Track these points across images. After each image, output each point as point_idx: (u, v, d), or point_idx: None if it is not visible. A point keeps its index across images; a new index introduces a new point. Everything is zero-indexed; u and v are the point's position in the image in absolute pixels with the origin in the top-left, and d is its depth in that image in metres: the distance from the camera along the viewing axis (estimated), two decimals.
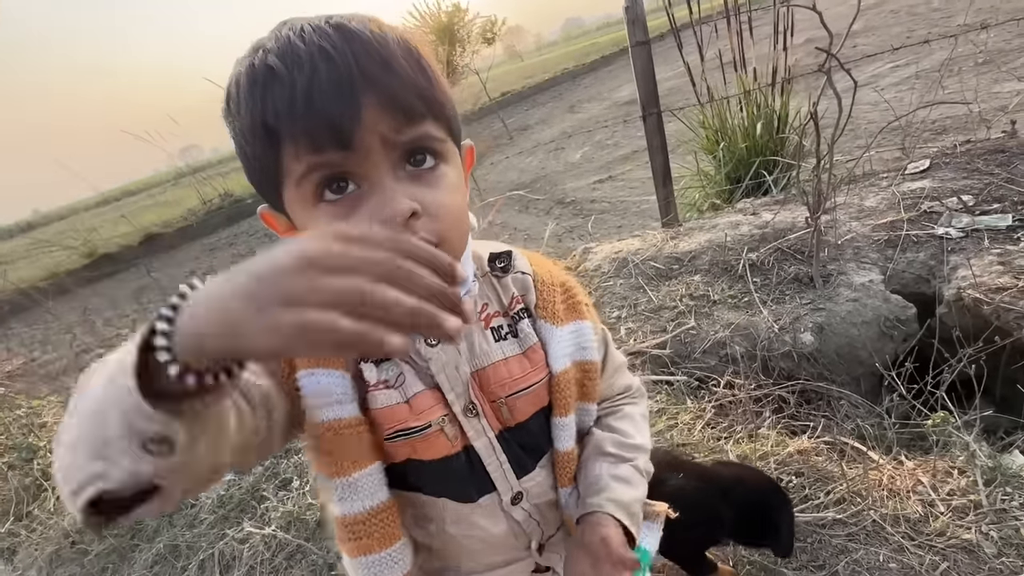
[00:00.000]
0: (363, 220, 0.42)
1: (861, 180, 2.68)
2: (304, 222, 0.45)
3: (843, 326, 1.88)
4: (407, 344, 0.27)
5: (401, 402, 0.50)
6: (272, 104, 0.40)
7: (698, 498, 1.00)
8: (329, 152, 0.41)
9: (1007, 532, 1.09)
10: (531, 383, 0.55)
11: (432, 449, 0.51)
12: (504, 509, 0.56)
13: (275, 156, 0.42)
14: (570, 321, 0.57)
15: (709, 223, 2.69)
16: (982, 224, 1.99)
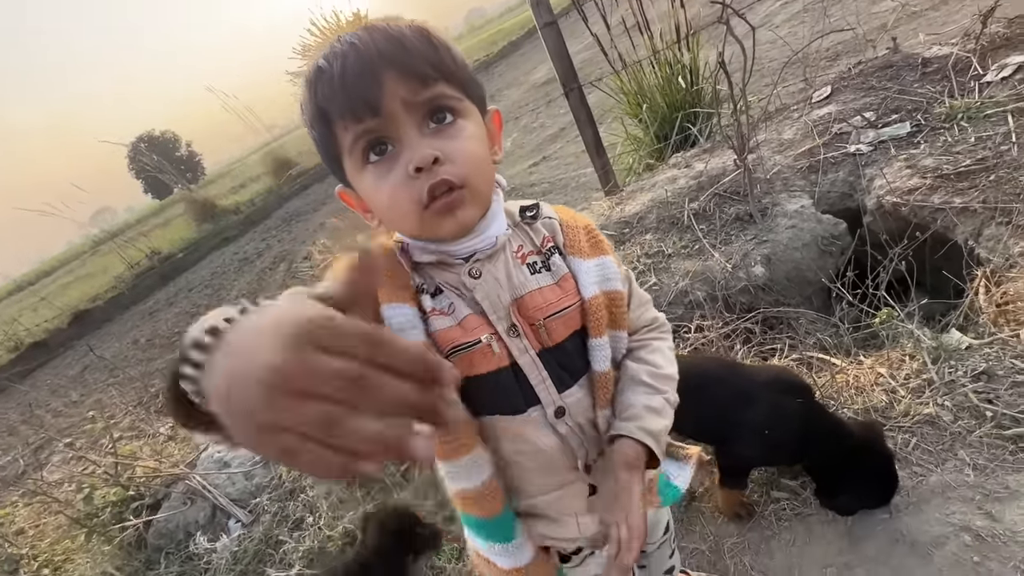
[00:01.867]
0: (399, 173, 0.52)
1: (775, 116, 2.86)
2: (358, 184, 0.56)
3: (787, 252, 2.02)
4: (380, 469, 0.27)
5: (454, 324, 0.58)
6: (321, 93, 0.52)
7: (791, 425, 1.07)
8: (366, 120, 0.51)
9: (958, 399, 1.23)
10: (565, 306, 0.62)
11: (484, 362, 0.58)
12: (550, 422, 0.62)
13: (331, 135, 0.54)
14: (595, 256, 0.65)
15: (648, 183, 2.81)
16: (886, 135, 2.18)
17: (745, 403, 1.10)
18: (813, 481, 1.18)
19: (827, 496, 1.14)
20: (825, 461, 1.11)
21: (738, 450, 1.13)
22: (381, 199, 0.55)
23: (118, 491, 1.84)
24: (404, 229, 0.58)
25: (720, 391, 1.13)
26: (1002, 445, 1.13)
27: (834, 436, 1.09)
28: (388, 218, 0.58)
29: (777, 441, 1.08)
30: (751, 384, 1.13)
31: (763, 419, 1.07)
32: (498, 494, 0.61)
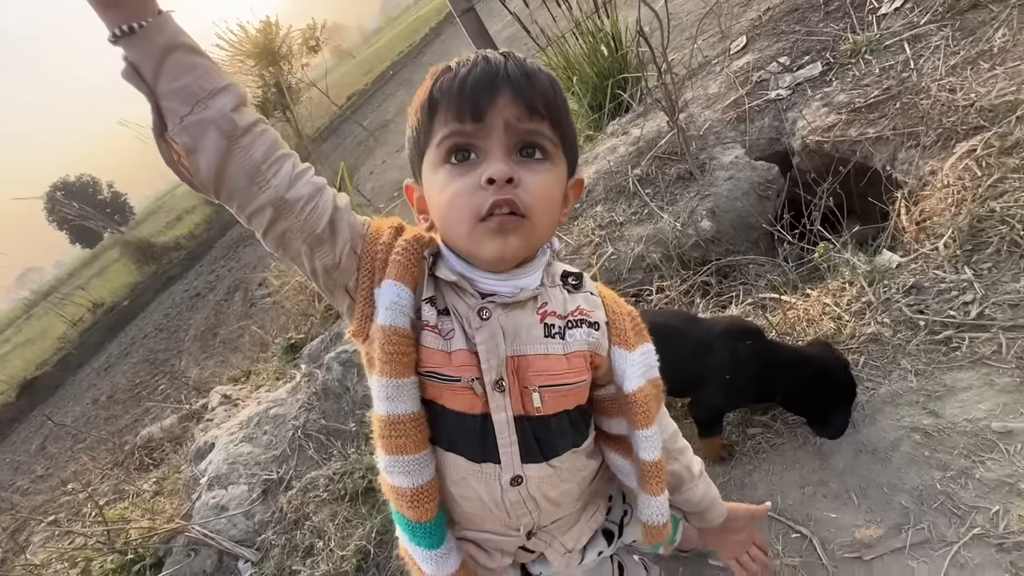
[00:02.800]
0: (472, 180, 0.56)
1: (699, 71, 2.96)
2: (429, 179, 0.60)
3: (729, 203, 2.13)
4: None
5: (444, 351, 0.59)
6: (440, 84, 0.57)
7: (748, 366, 1.15)
8: (465, 123, 0.55)
9: (895, 315, 1.36)
10: (567, 382, 0.62)
11: (456, 400, 0.59)
12: (501, 484, 0.61)
13: (430, 122, 0.58)
14: (639, 345, 0.66)
15: (591, 155, 2.86)
16: (801, 78, 2.30)
17: (704, 353, 1.19)
18: (800, 416, 1.28)
19: (818, 425, 1.24)
20: (794, 391, 1.21)
21: (706, 399, 1.22)
22: (444, 197, 0.57)
23: (115, 558, 1.79)
24: (453, 234, 0.59)
25: (680, 345, 1.21)
26: (936, 349, 1.26)
27: (793, 366, 1.19)
28: (443, 218, 0.59)
29: (739, 384, 1.17)
30: (706, 335, 1.22)
31: (722, 365, 1.16)
32: (434, 500, 0.60)
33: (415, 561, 0.64)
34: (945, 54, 1.91)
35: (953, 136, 1.66)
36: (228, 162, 0.53)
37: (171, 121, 0.51)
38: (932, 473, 1.09)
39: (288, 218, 0.55)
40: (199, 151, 0.52)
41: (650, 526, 0.69)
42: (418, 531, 0.61)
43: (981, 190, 1.43)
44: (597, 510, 0.74)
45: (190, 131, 0.51)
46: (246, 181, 0.54)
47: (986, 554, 0.97)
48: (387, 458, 0.60)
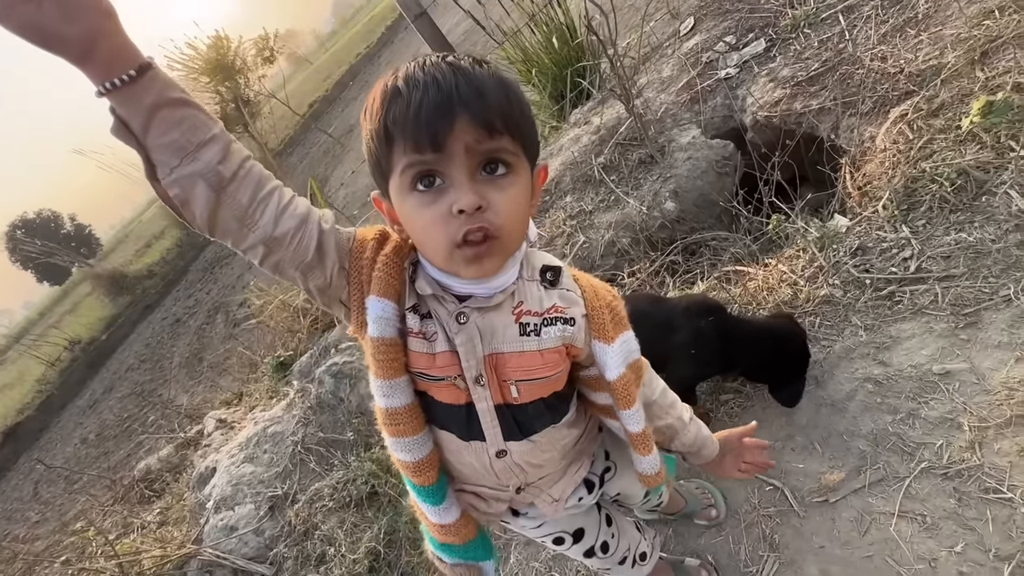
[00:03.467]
0: (442, 208, 0.57)
1: (652, 55, 3.04)
2: (399, 202, 0.61)
3: (690, 182, 2.22)
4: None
5: (428, 353, 0.64)
6: (393, 114, 0.56)
7: (711, 341, 1.24)
8: (426, 153, 0.56)
9: (844, 276, 1.47)
10: (542, 376, 0.67)
11: (443, 394, 0.66)
12: (488, 456, 0.70)
13: (388, 153, 0.58)
14: (618, 335, 0.70)
15: (556, 147, 2.93)
16: (747, 55, 2.40)
17: (669, 332, 1.29)
18: (762, 383, 1.38)
19: (776, 392, 1.34)
20: (755, 361, 1.31)
21: (674, 373, 1.31)
22: (418, 225, 0.59)
23: None
24: (431, 256, 0.62)
25: (647, 326, 1.30)
26: (882, 304, 1.37)
27: (752, 339, 1.29)
28: (420, 242, 0.62)
29: (703, 358, 1.26)
30: (671, 314, 1.32)
31: (687, 342, 1.25)
32: (434, 469, 0.69)
33: (424, 513, 0.74)
34: (876, 23, 2.02)
35: (887, 102, 1.77)
36: (218, 210, 0.57)
37: (161, 172, 0.55)
38: (884, 417, 1.20)
39: (278, 251, 0.60)
40: (190, 201, 0.56)
41: (645, 476, 0.80)
42: (423, 492, 0.71)
43: (913, 152, 1.53)
44: (581, 466, 0.83)
45: (180, 184, 0.55)
46: (236, 225, 0.58)
47: (934, 484, 1.08)
48: (391, 440, 0.68)
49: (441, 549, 0.75)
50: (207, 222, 0.57)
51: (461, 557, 0.75)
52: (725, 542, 1.22)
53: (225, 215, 0.57)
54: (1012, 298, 1.21)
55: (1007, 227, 1.30)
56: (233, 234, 0.59)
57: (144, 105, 0.53)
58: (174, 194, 0.55)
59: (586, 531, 0.89)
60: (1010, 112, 1.41)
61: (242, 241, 0.59)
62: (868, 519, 1.10)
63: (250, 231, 0.59)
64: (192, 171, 0.54)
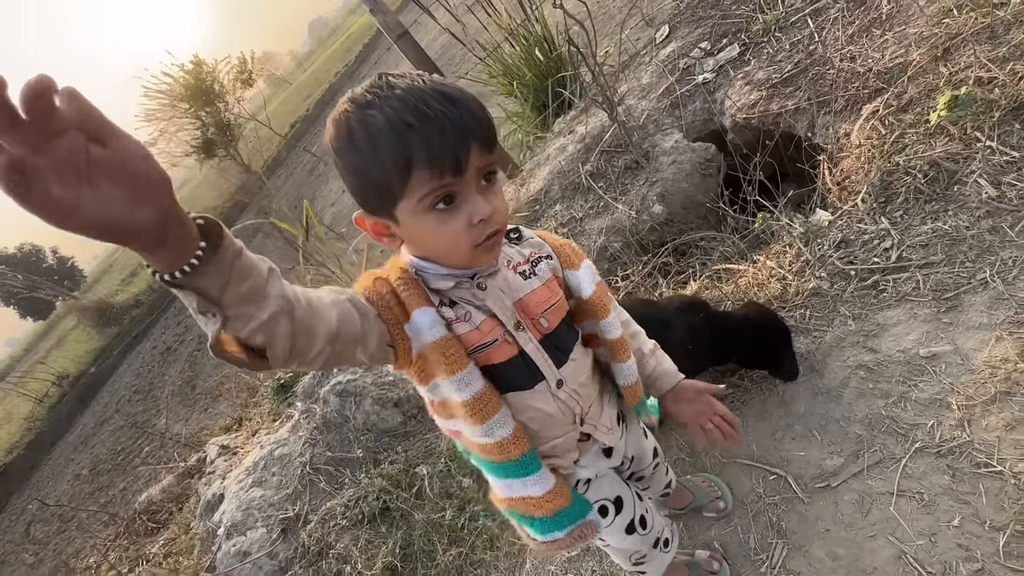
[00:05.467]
0: (462, 221, 0.65)
1: (630, 63, 3.12)
2: (411, 222, 0.66)
3: (675, 185, 2.28)
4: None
5: (473, 329, 0.73)
6: (416, 145, 0.60)
7: (704, 335, 1.32)
8: (447, 177, 0.63)
9: (830, 268, 1.53)
10: (555, 301, 0.80)
11: (500, 353, 0.75)
12: (552, 392, 0.79)
13: (405, 181, 0.62)
14: (581, 262, 0.85)
15: (542, 156, 2.99)
16: (722, 60, 2.48)
17: (664, 330, 1.35)
18: (757, 368, 1.44)
19: (776, 371, 1.40)
20: (745, 346, 1.36)
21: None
22: (443, 239, 0.67)
23: None
24: (453, 261, 0.71)
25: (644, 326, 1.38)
26: (868, 293, 1.43)
27: (739, 328, 1.35)
28: (443, 253, 0.70)
29: (698, 351, 1.33)
30: (663, 314, 1.39)
31: (681, 338, 1.32)
32: (523, 439, 0.77)
33: (525, 498, 0.80)
34: (843, 24, 2.11)
35: (859, 100, 1.85)
36: (296, 336, 0.54)
37: (240, 324, 0.49)
38: (877, 402, 1.26)
39: (339, 342, 0.62)
40: (274, 341, 0.52)
41: (626, 387, 0.90)
42: (522, 464, 0.77)
43: (886, 147, 1.61)
44: (609, 397, 0.93)
45: (264, 328, 0.51)
46: (306, 339, 0.56)
47: (928, 462, 1.14)
48: (480, 428, 0.74)
49: (553, 526, 0.81)
50: (287, 353, 0.54)
51: (574, 519, 0.81)
52: (734, 532, 1.26)
53: (300, 337, 0.55)
54: (988, 281, 1.27)
55: (979, 214, 1.37)
56: (304, 351, 0.57)
57: (223, 266, 0.48)
58: (259, 342, 0.51)
59: (624, 500, 0.95)
60: (974, 105, 1.49)
61: (309, 351, 0.57)
62: (869, 501, 1.15)
63: (317, 338, 0.58)
64: (272, 309, 0.51)
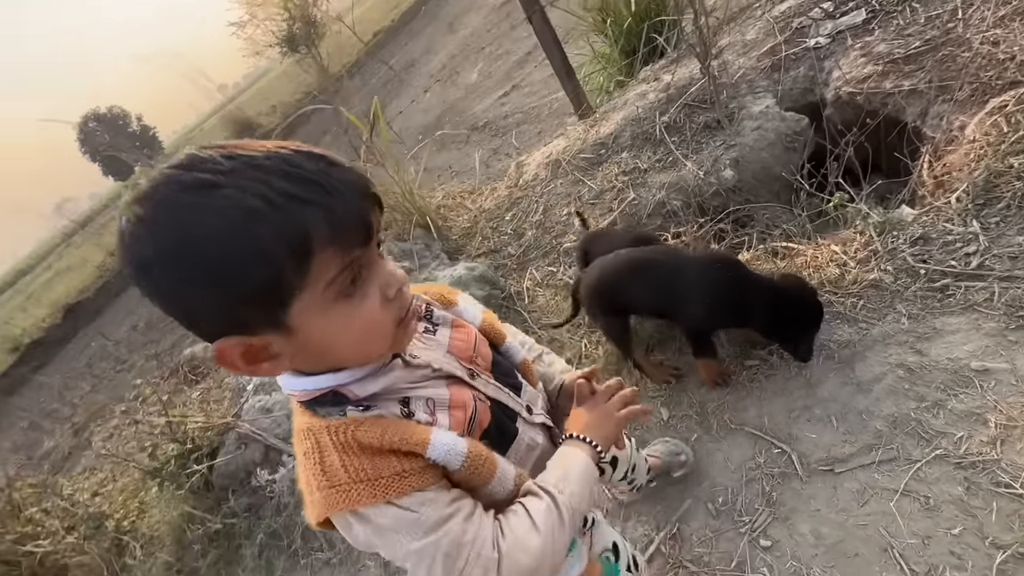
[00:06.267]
0: (375, 299, 0.53)
1: (739, 16, 2.87)
2: (324, 321, 0.51)
3: (754, 153, 2.15)
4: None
5: (450, 411, 0.62)
6: (309, 220, 0.46)
7: (726, 290, 1.29)
8: (356, 249, 0.50)
9: (898, 263, 1.43)
10: (474, 337, 0.73)
11: (485, 414, 0.66)
12: (529, 421, 0.73)
13: (304, 270, 0.47)
14: (455, 297, 0.77)
15: (620, 101, 2.86)
16: (843, 25, 2.24)
17: (685, 278, 1.33)
18: (773, 341, 1.40)
19: (791, 347, 1.36)
20: (769, 314, 1.32)
21: (689, 319, 1.37)
22: (357, 327, 0.53)
23: (176, 446, 2.06)
24: (369, 353, 0.57)
25: (663, 272, 1.39)
26: (932, 296, 1.34)
27: (766, 292, 1.31)
28: (355, 347, 0.55)
29: (717, 304, 1.31)
30: (687, 262, 1.38)
31: (701, 287, 1.31)
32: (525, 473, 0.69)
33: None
34: (995, 4, 1.85)
35: (987, 91, 1.65)
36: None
37: None
38: (908, 403, 1.20)
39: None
40: None
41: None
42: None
43: (1004, 146, 1.44)
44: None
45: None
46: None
47: (944, 471, 1.10)
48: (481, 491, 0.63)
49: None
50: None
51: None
52: (724, 490, 1.28)
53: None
54: None
55: None
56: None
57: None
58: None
59: (619, 545, 0.90)
60: None
61: None
62: (870, 492, 1.13)
63: None
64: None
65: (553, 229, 2.41)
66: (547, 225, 2.45)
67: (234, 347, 0.50)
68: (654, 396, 1.53)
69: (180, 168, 0.47)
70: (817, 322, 1.33)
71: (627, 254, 1.50)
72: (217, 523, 1.93)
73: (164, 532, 2.09)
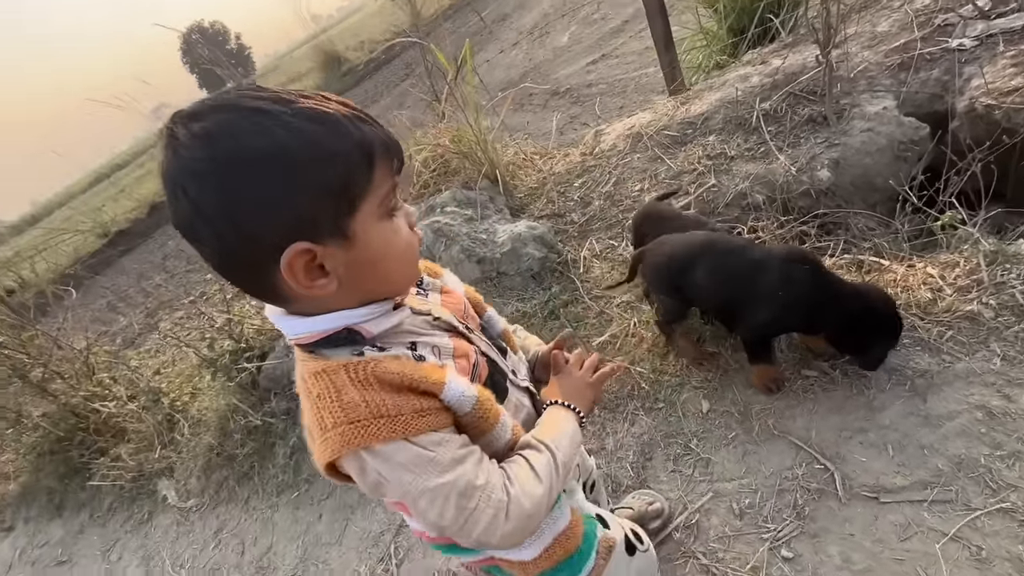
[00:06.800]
0: (406, 227, 0.59)
1: (873, 4, 2.58)
2: (376, 236, 0.55)
3: (857, 157, 1.97)
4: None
5: (454, 359, 0.64)
6: (368, 138, 0.52)
7: (800, 288, 1.21)
8: (397, 175, 0.57)
9: (1004, 299, 1.29)
10: (463, 301, 0.76)
11: (484, 366, 0.69)
12: (516, 383, 0.76)
13: (368, 179, 0.52)
14: (441, 271, 0.79)
15: (718, 81, 2.68)
16: (997, 28, 1.97)
17: (757, 271, 1.25)
18: (843, 352, 1.31)
19: (857, 355, 1.28)
20: (842, 321, 1.23)
21: (752, 317, 1.28)
22: (400, 247, 0.58)
23: (231, 343, 2.21)
24: (406, 277, 0.62)
25: (742, 261, 1.29)
26: None
27: (844, 298, 1.21)
28: (397, 267, 0.59)
29: (787, 304, 1.22)
30: (762, 254, 1.28)
31: (773, 283, 1.22)
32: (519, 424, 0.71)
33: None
34: None
35: None
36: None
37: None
38: (980, 448, 1.10)
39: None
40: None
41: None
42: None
43: None
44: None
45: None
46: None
47: (1006, 526, 1.01)
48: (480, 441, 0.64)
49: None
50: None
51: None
52: (752, 493, 1.23)
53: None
54: None
55: None
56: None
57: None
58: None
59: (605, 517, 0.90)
60: None
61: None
62: (915, 529, 1.06)
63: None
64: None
65: (622, 203, 2.33)
66: (616, 198, 2.37)
67: (302, 255, 0.51)
68: (697, 387, 1.48)
69: (250, 90, 0.50)
70: (896, 335, 1.23)
71: (703, 236, 1.43)
72: (257, 420, 2.08)
73: (211, 418, 2.27)
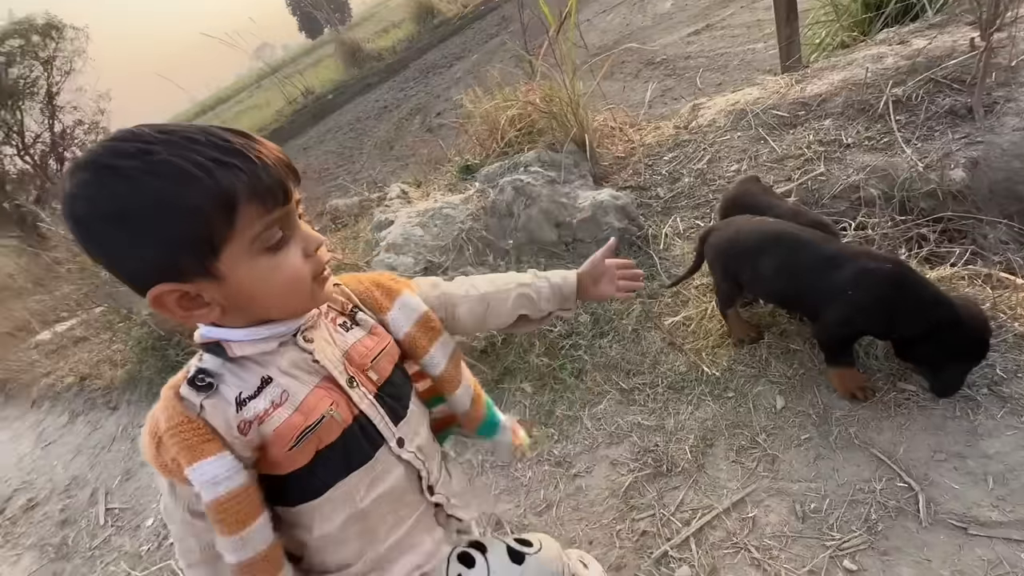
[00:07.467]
0: (296, 255, 0.60)
1: None
2: (249, 270, 0.58)
3: (1003, 159, 1.74)
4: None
5: (293, 412, 0.62)
6: (234, 181, 0.54)
7: (880, 289, 1.12)
8: (277, 209, 0.58)
9: None
10: (382, 348, 0.73)
11: (332, 431, 0.64)
12: (395, 454, 0.70)
13: (229, 224, 0.55)
14: (391, 302, 0.76)
15: (844, 60, 2.42)
16: None
17: (835, 268, 1.15)
18: (914, 363, 1.22)
19: (929, 375, 1.18)
20: (922, 329, 1.11)
21: (829, 315, 1.20)
22: (281, 278, 0.59)
23: None
24: (292, 304, 0.63)
25: (818, 256, 1.21)
26: None
27: (928, 304, 1.09)
28: (282, 296, 0.61)
29: (866, 304, 1.12)
30: (850, 252, 1.17)
31: (845, 279, 1.12)
32: (279, 558, 0.63)
33: None
34: None
35: None
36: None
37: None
38: None
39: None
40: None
41: (464, 414, 0.81)
42: None
43: None
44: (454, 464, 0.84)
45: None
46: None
47: None
48: (228, 541, 0.60)
49: None
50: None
51: None
52: (819, 498, 1.17)
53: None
54: None
55: None
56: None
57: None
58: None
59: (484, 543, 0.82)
60: None
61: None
62: (1006, 568, 0.97)
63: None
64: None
65: (714, 182, 2.20)
66: (708, 176, 2.25)
67: (169, 293, 0.56)
68: (774, 382, 1.41)
69: (119, 139, 0.53)
70: (979, 357, 1.12)
71: (775, 224, 1.33)
72: None
73: None
